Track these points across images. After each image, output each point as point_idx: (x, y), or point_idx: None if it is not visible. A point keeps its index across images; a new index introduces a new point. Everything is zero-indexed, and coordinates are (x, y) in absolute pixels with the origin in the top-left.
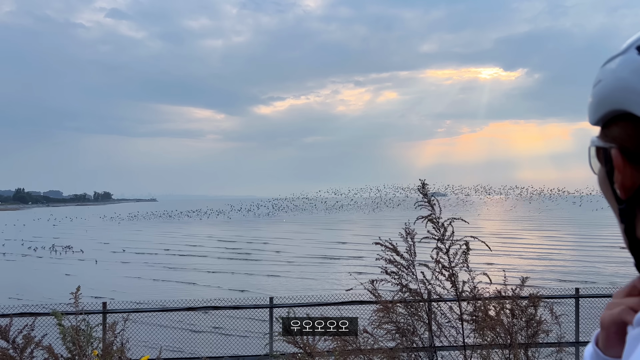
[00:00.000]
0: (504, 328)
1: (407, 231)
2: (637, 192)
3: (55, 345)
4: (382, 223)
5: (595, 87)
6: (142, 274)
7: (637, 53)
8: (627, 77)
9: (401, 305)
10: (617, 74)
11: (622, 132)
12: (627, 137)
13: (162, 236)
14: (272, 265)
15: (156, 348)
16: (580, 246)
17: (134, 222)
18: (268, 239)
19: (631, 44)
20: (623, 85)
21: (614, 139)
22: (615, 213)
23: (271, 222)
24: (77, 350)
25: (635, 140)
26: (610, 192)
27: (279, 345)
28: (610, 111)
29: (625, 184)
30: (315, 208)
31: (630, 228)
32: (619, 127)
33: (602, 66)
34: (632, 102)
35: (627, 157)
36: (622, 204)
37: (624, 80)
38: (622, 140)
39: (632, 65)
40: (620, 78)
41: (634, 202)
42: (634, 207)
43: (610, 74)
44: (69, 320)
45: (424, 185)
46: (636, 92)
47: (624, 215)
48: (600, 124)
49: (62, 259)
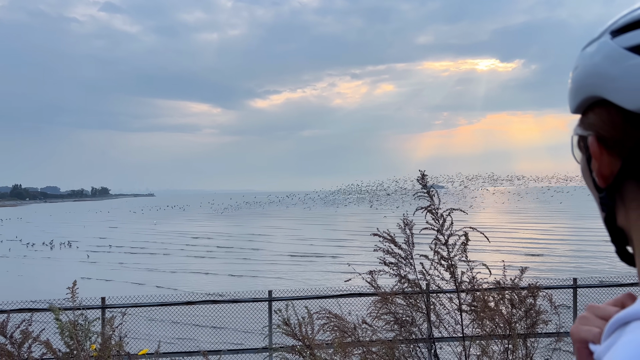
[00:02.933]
0: (503, 318)
1: (406, 222)
2: (615, 180)
3: (53, 340)
4: (380, 216)
5: (573, 73)
6: (142, 270)
7: (610, 38)
8: (599, 63)
9: (400, 296)
10: (591, 60)
11: (597, 119)
12: (602, 124)
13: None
14: (271, 257)
15: (155, 342)
16: (577, 236)
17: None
18: (264, 233)
19: (605, 29)
20: (596, 70)
21: (590, 126)
22: (595, 201)
23: (270, 216)
24: (75, 344)
25: (610, 127)
26: (591, 181)
27: (278, 338)
28: (586, 98)
29: (603, 172)
30: (313, 201)
31: (611, 216)
32: (595, 114)
33: (581, 51)
34: (605, 88)
35: (603, 144)
36: (602, 192)
37: (597, 66)
38: (598, 127)
39: (605, 50)
40: (593, 64)
41: (613, 190)
42: (613, 195)
43: (585, 59)
44: (66, 315)
45: (423, 176)
46: (608, 78)
47: (604, 204)
48: (580, 111)
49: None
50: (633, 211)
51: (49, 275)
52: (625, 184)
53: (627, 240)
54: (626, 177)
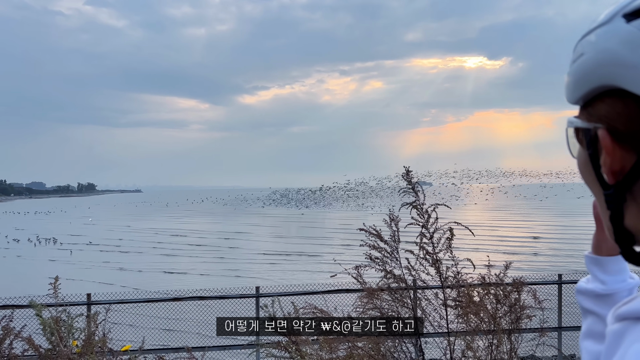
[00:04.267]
0: (488, 313)
1: (391, 217)
2: (626, 176)
3: (35, 336)
4: (367, 212)
5: (576, 62)
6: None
7: (624, 22)
8: (615, 49)
9: (385, 291)
10: (603, 46)
11: (611, 110)
12: (617, 116)
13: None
14: (256, 255)
15: (140, 338)
16: (562, 232)
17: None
18: (251, 231)
19: (615, 13)
20: (611, 58)
21: (601, 118)
22: (598, 199)
23: (259, 214)
24: (57, 340)
25: (626, 119)
26: (594, 177)
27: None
28: (595, 87)
29: (614, 167)
30: (304, 198)
31: (617, 215)
32: (606, 105)
33: (580, 39)
34: (623, 76)
35: (615, 138)
36: (609, 189)
37: (612, 53)
38: (611, 119)
39: (621, 35)
40: (606, 50)
41: (623, 187)
42: (622, 193)
43: (594, 46)
44: (49, 311)
45: (408, 172)
46: (627, 65)
47: (611, 202)
48: (581, 102)
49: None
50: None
51: (32, 271)
52: (639, 180)
53: (634, 240)
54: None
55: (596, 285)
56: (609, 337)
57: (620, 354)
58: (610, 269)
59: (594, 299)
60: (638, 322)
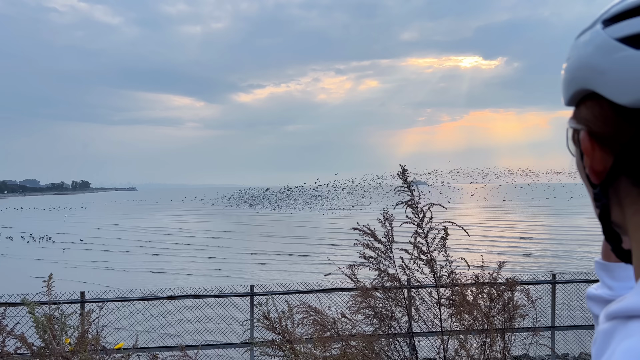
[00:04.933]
0: (481, 312)
1: (386, 216)
2: (608, 175)
3: (28, 334)
4: (362, 212)
5: (566, 63)
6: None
7: (602, 27)
8: (590, 54)
9: (379, 290)
10: (583, 51)
11: (589, 113)
12: (594, 119)
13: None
14: (251, 254)
15: (134, 336)
16: (556, 232)
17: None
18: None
19: (598, 18)
20: (587, 62)
21: (582, 120)
22: (590, 197)
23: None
24: (50, 338)
25: (601, 122)
26: (585, 176)
27: (259, 332)
28: (578, 90)
29: (595, 167)
30: (299, 196)
31: (605, 213)
32: (586, 108)
33: (574, 40)
34: (596, 80)
35: (595, 139)
36: (596, 188)
37: (588, 58)
38: (590, 121)
39: (596, 40)
40: (585, 55)
41: (607, 186)
42: (607, 191)
43: (577, 50)
44: (42, 308)
45: (404, 170)
46: (599, 70)
47: (598, 200)
48: (572, 104)
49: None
50: (628, 207)
51: (27, 269)
52: (619, 180)
53: (621, 237)
54: (619, 173)
55: (604, 291)
56: (599, 337)
57: (609, 352)
58: (617, 275)
59: (603, 304)
60: (627, 321)
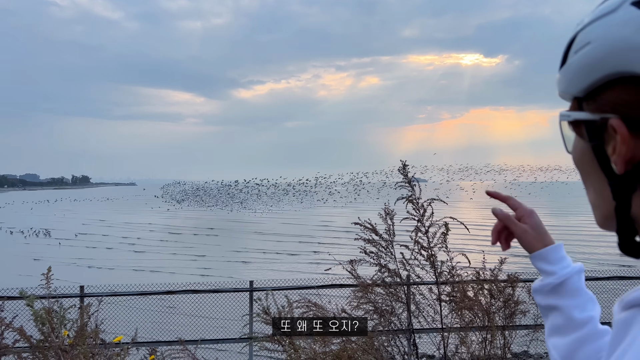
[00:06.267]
0: (482, 308)
1: (387, 211)
2: (637, 165)
3: (27, 327)
4: (362, 207)
5: (581, 51)
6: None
7: (636, 8)
8: (629, 35)
9: (380, 286)
10: (616, 34)
11: (626, 98)
12: (632, 104)
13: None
14: (255, 244)
15: (133, 330)
16: (556, 233)
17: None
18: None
19: (622, 1)
20: (627, 44)
21: (614, 107)
22: (597, 191)
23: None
24: (48, 331)
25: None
26: (597, 168)
27: (258, 327)
28: (606, 75)
29: (628, 156)
30: (298, 192)
31: (625, 205)
32: (619, 93)
33: (582, 28)
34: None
35: (629, 126)
36: (616, 179)
37: (627, 40)
38: (626, 107)
39: (635, 21)
40: (621, 37)
41: (633, 176)
42: (633, 182)
43: (604, 34)
44: (41, 302)
45: (404, 166)
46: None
47: (618, 192)
48: (585, 92)
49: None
50: None
51: (25, 262)
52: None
53: (637, 231)
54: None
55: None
56: (616, 326)
57: (629, 339)
58: (552, 258)
59: (550, 292)
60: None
